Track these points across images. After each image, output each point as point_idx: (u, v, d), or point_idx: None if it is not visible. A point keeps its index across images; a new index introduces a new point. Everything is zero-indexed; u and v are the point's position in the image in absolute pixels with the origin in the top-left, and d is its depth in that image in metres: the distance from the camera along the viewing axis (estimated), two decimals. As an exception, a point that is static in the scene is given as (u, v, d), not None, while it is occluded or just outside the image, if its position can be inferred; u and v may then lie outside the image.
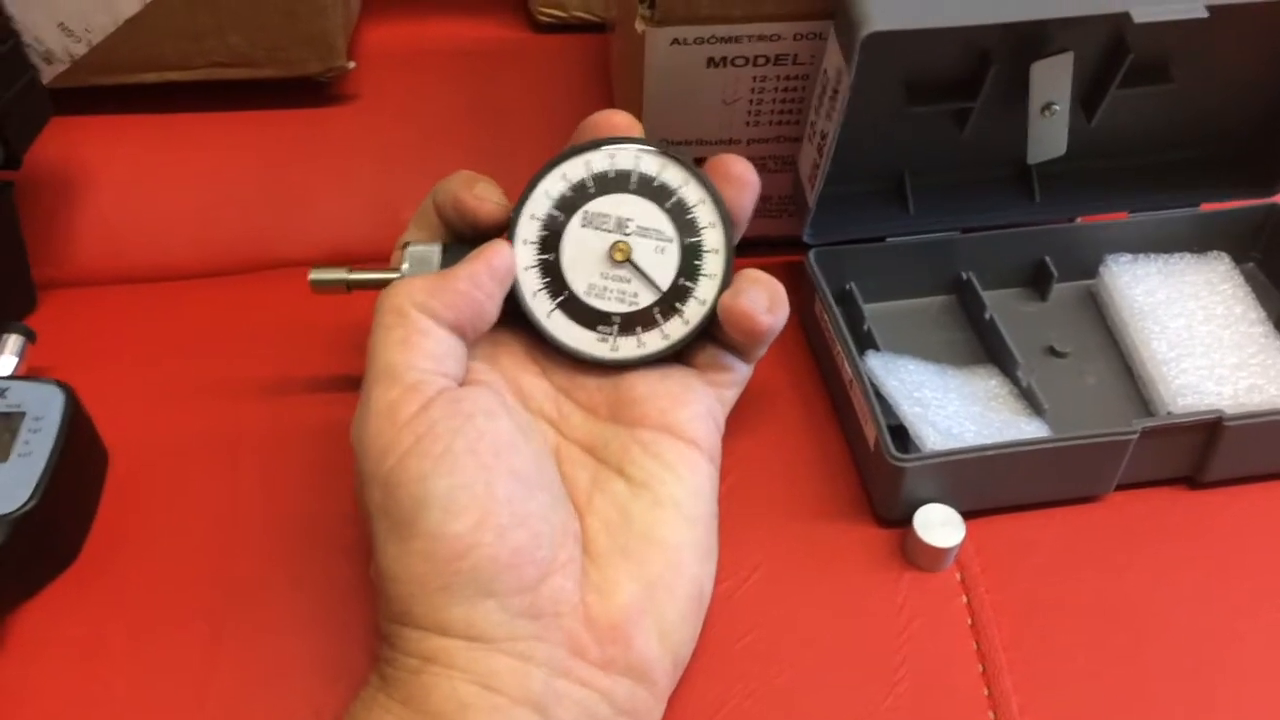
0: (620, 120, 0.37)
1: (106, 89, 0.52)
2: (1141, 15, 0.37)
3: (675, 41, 0.41)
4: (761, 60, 0.42)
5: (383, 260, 0.51)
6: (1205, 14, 0.37)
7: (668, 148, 0.37)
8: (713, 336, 0.38)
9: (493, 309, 0.35)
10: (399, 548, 0.31)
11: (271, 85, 0.53)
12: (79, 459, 0.39)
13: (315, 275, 0.38)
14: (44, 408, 0.38)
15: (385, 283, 0.38)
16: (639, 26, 0.40)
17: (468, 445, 0.32)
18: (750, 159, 0.46)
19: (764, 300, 0.36)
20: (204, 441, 0.42)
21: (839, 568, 0.39)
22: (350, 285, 0.39)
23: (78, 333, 0.46)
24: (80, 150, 0.52)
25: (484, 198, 0.37)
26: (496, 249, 0.36)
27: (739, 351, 0.38)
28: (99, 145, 0.52)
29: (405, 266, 0.37)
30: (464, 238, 0.38)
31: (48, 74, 0.50)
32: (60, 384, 0.39)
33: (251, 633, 0.37)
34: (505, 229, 0.37)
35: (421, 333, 0.34)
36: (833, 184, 0.42)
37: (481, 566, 0.31)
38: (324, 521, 0.39)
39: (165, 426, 0.42)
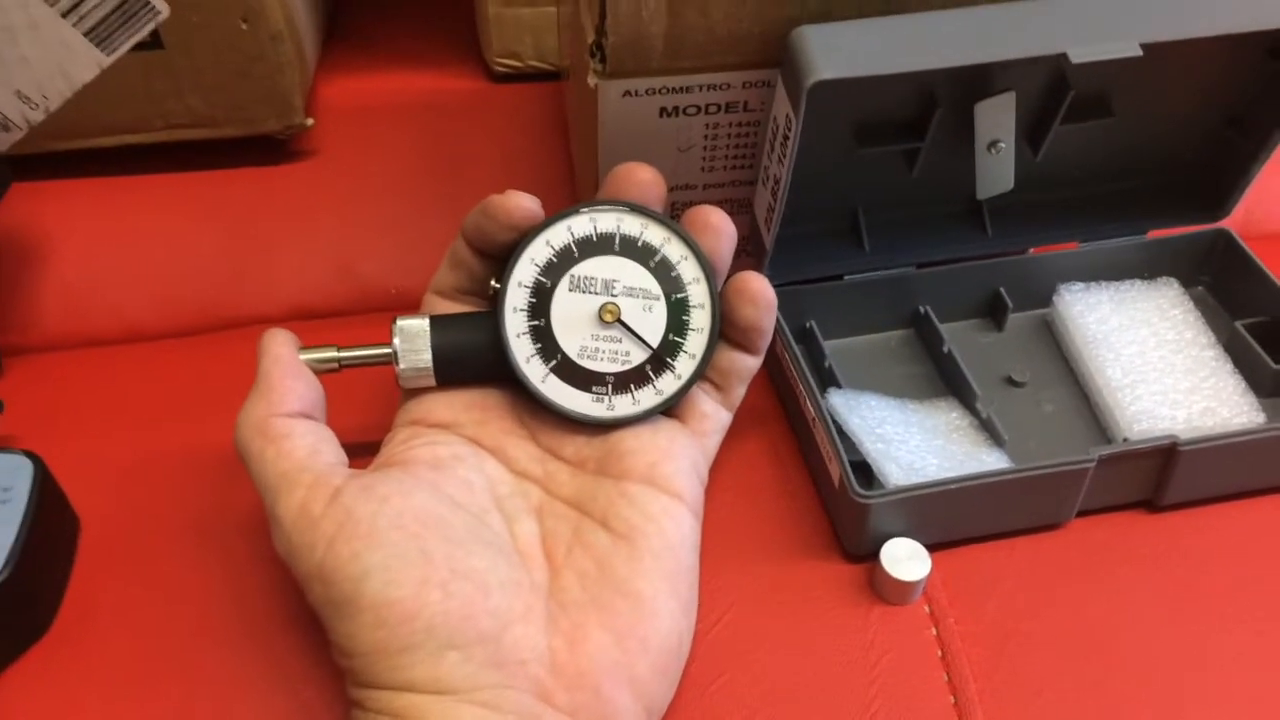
0: (644, 175, 0.38)
1: (65, 154, 0.52)
2: (1078, 56, 0.38)
3: (627, 93, 0.42)
4: (713, 108, 0.43)
5: (348, 314, 0.52)
6: (1140, 53, 0.38)
7: (647, 208, 0.38)
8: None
9: (310, 384, 0.37)
10: (350, 624, 0.32)
11: (230, 144, 0.53)
12: (50, 529, 0.39)
13: (304, 356, 0.38)
14: (13, 478, 0.38)
15: (377, 359, 0.39)
16: (591, 80, 0.41)
17: (391, 523, 0.33)
18: (706, 203, 0.47)
19: (766, 283, 0.38)
20: (175, 508, 0.42)
21: (809, 605, 0.40)
22: (341, 364, 0.39)
23: (44, 399, 0.46)
24: (40, 215, 0.52)
25: (508, 204, 0.37)
26: (266, 338, 0.37)
27: (741, 346, 0.39)
28: (59, 210, 0.52)
29: (396, 341, 0.38)
30: (501, 258, 0.38)
31: (5, 141, 0.50)
32: (29, 454, 0.39)
33: (224, 703, 0.37)
34: (518, 247, 0.37)
35: (286, 437, 0.35)
36: (789, 225, 0.43)
37: (436, 624, 0.31)
38: (296, 590, 0.39)
39: (136, 493, 0.42)
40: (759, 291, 0.38)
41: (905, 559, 0.39)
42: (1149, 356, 0.45)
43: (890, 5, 0.39)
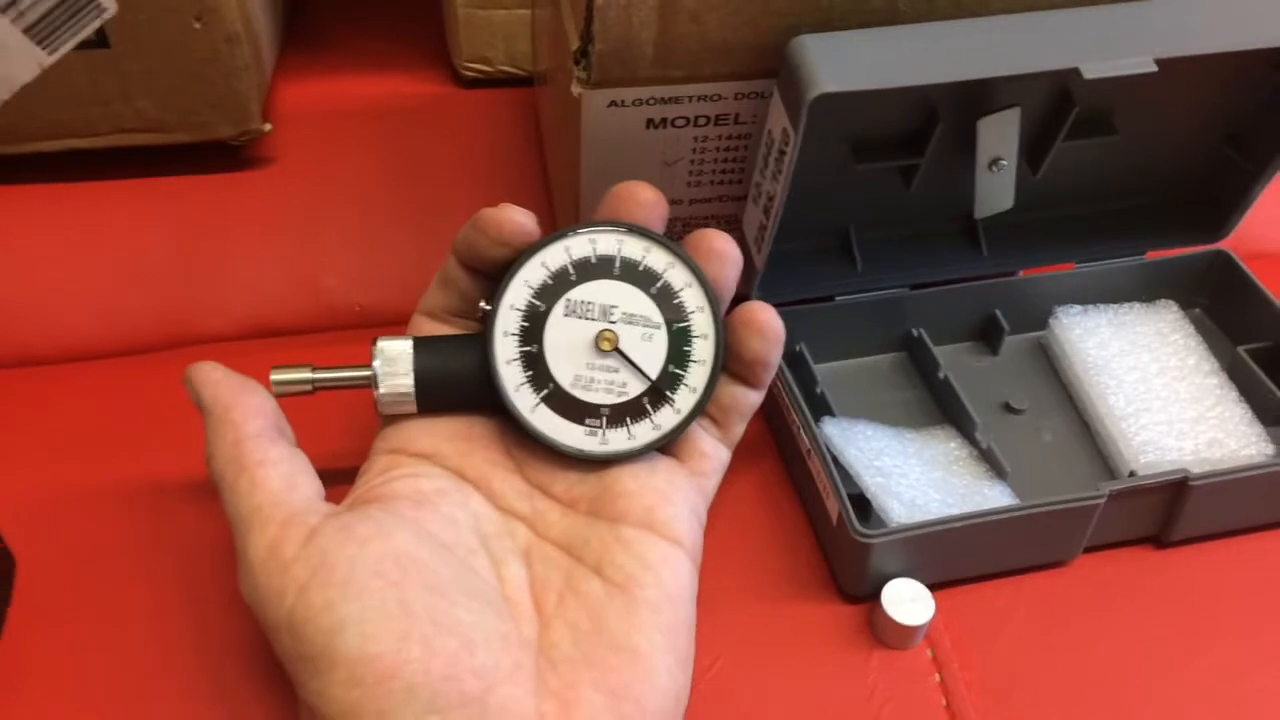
0: (647, 195, 0.35)
1: (3, 158, 0.49)
2: (1091, 71, 0.36)
3: (613, 103, 0.39)
4: (702, 120, 0.41)
5: (309, 331, 0.49)
6: (1154, 69, 0.36)
7: (649, 230, 0.35)
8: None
9: (263, 395, 0.35)
10: (321, 681, 0.29)
11: (182, 150, 0.50)
12: (-21, 572, 0.36)
13: (277, 377, 0.36)
14: (-61, 517, 0.35)
15: (355, 381, 0.36)
16: (574, 89, 0.38)
17: (371, 569, 0.30)
18: (692, 219, 0.45)
19: (774, 314, 0.36)
20: (121, 545, 0.39)
21: (806, 650, 0.37)
22: (316, 386, 0.36)
23: (-25, 424, 0.43)
24: (-26, 225, 0.48)
25: (500, 219, 0.34)
26: (191, 371, 0.35)
27: (744, 380, 0.37)
28: (-4, 218, 0.49)
29: (377, 364, 0.35)
30: (495, 277, 0.35)
31: (-64, 146, 0.47)
32: (-43, 490, 0.36)
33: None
34: (511, 267, 0.35)
35: (260, 464, 0.32)
36: (779, 242, 0.41)
37: (416, 684, 0.29)
38: (261, 639, 0.36)
39: (77, 528, 0.39)
40: (767, 323, 0.35)
41: (908, 601, 0.37)
42: (1152, 384, 0.43)
43: (895, 14, 0.37)
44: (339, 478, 0.36)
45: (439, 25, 0.57)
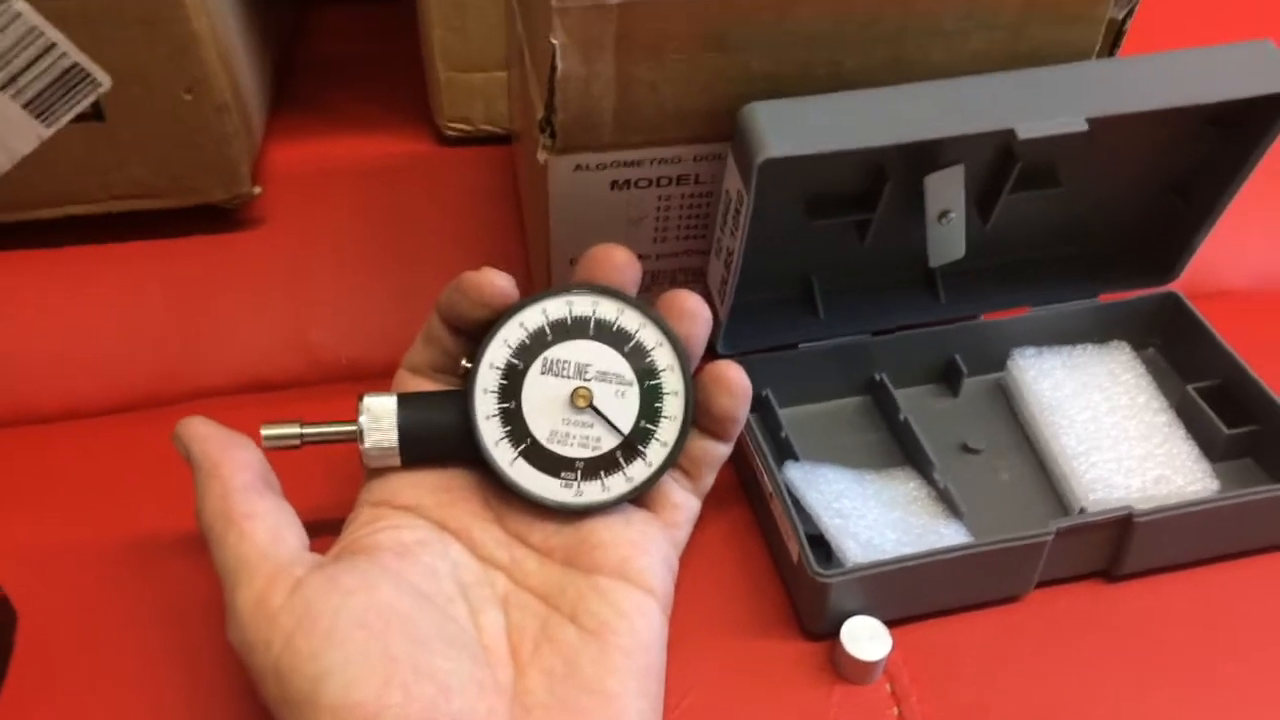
0: (620, 258, 0.38)
1: (4, 225, 0.51)
2: (1026, 132, 0.38)
3: (578, 167, 0.41)
4: (664, 181, 0.43)
5: (299, 386, 0.51)
6: (1085, 128, 0.38)
7: (622, 292, 0.37)
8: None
9: (251, 449, 0.36)
10: None
11: (175, 213, 0.52)
12: (-19, 625, 0.38)
13: (267, 431, 0.38)
14: (-55, 573, 0.37)
15: (341, 436, 0.38)
16: (541, 156, 0.41)
17: (353, 619, 0.32)
18: (659, 273, 0.47)
19: (742, 373, 0.38)
20: (120, 598, 0.40)
21: (771, 685, 0.39)
22: (304, 440, 0.38)
23: (-22, 480, 0.45)
24: (-23, 288, 0.50)
25: (481, 282, 0.36)
26: (181, 426, 0.37)
27: (714, 434, 0.39)
28: (-4, 282, 0.51)
29: (363, 419, 0.37)
30: (476, 335, 0.37)
31: (-59, 215, 0.49)
32: (-39, 547, 0.38)
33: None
34: (491, 327, 0.37)
35: (247, 517, 0.34)
36: (742, 294, 0.43)
37: None
38: (239, 677, 0.38)
39: (77, 582, 0.41)
40: (735, 381, 0.38)
41: (866, 638, 0.38)
42: (1102, 422, 0.45)
43: (840, 82, 0.39)
44: (325, 528, 0.38)
45: (421, 87, 0.59)
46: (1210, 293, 0.54)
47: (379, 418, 0.37)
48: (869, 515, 0.41)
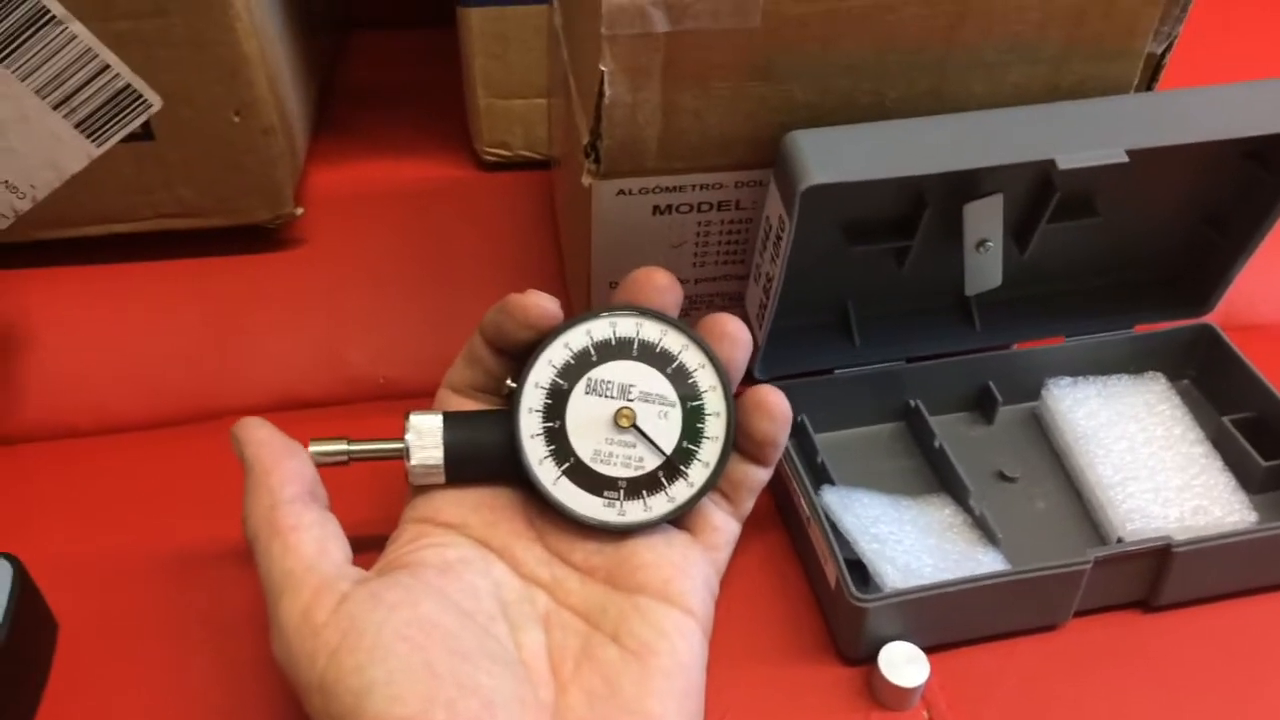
0: (662, 280, 0.38)
1: (51, 242, 0.52)
2: (1066, 162, 0.39)
3: (621, 192, 0.42)
4: (705, 206, 0.43)
5: (336, 404, 0.52)
6: (1125, 159, 0.39)
7: (665, 314, 0.38)
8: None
9: (303, 461, 0.37)
10: None
11: (217, 232, 0.53)
12: (27, 634, 0.38)
13: (315, 448, 0.38)
14: (-9, 582, 0.37)
15: (387, 453, 0.38)
16: (585, 180, 0.41)
17: (397, 633, 0.32)
18: (698, 297, 0.47)
19: (783, 398, 0.38)
20: (159, 610, 0.41)
21: (807, 711, 0.39)
22: (351, 457, 0.38)
23: (20, 492, 0.45)
24: (21, 303, 0.51)
25: (527, 304, 0.37)
26: (240, 427, 0.37)
27: (754, 458, 0.39)
28: (40, 298, 0.52)
29: (410, 436, 0.37)
30: (520, 356, 0.38)
31: (-9, 231, 0.50)
32: (8, 556, 0.38)
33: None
34: (536, 348, 0.37)
35: (293, 529, 0.34)
36: (779, 319, 0.43)
37: None
38: (292, 699, 0.38)
39: (117, 593, 0.41)
40: (776, 405, 0.38)
41: (903, 663, 0.38)
42: (1139, 453, 0.45)
43: (882, 111, 0.40)
44: (369, 544, 0.38)
45: (461, 113, 0.60)
46: (1245, 325, 0.54)
47: (425, 435, 0.37)
48: (906, 540, 0.42)
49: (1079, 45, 0.40)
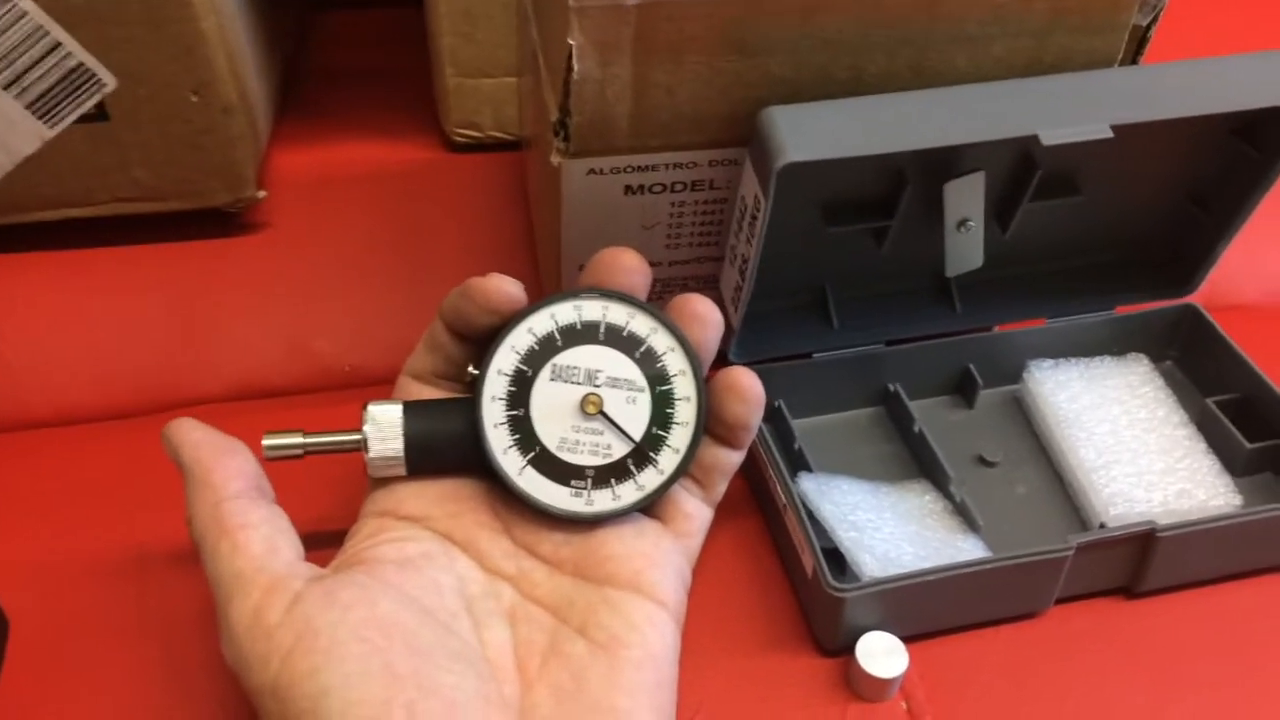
0: (630, 261, 0.37)
1: (4, 227, 0.50)
2: (1049, 138, 0.37)
3: (591, 171, 0.41)
4: (679, 186, 0.42)
5: (301, 393, 0.50)
6: (1110, 135, 0.38)
7: (633, 296, 0.36)
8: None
9: (245, 455, 0.35)
10: None
11: (178, 216, 0.51)
12: (-25, 633, 0.37)
13: (269, 441, 0.37)
14: (-65, 580, 0.36)
15: (345, 445, 0.37)
16: (554, 159, 0.40)
17: (353, 634, 0.31)
18: (671, 280, 0.46)
19: (755, 379, 0.37)
20: (114, 606, 0.39)
21: (783, 702, 0.38)
22: (307, 450, 0.37)
23: (-26, 486, 0.44)
24: (-24, 291, 0.50)
25: (488, 287, 0.35)
26: (170, 428, 0.36)
27: (726, 441, 0.38)
28: (-5, 285, 0.50)
29: (367, 428, 0.36)
30: (482, 342, 0.36)
31: (-60, 216, 0.49)
32: (-44, 553, 0.37)
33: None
34: (499, 334, 0.36)
35: (241, 527, 0.33)
36: (756, 301, 0.42)
37: None
38: (245, 702, 0.37)
39: (71, 589, 0.40)
40: (748, 387, 0.37)
41: (881, 654, 0.37)
42: (1122, 436, 0.44)
43: (860, 86, 0.39)
44: (329, 539, 0.37)
45: (429, 93, 0.59)
46: (1230, 305, 0.53)
47: (384, 426, 0.36)
48: (885, 528, 0.41)
49: (1063, 17, 0.39)
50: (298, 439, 0.37)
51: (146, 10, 0.45)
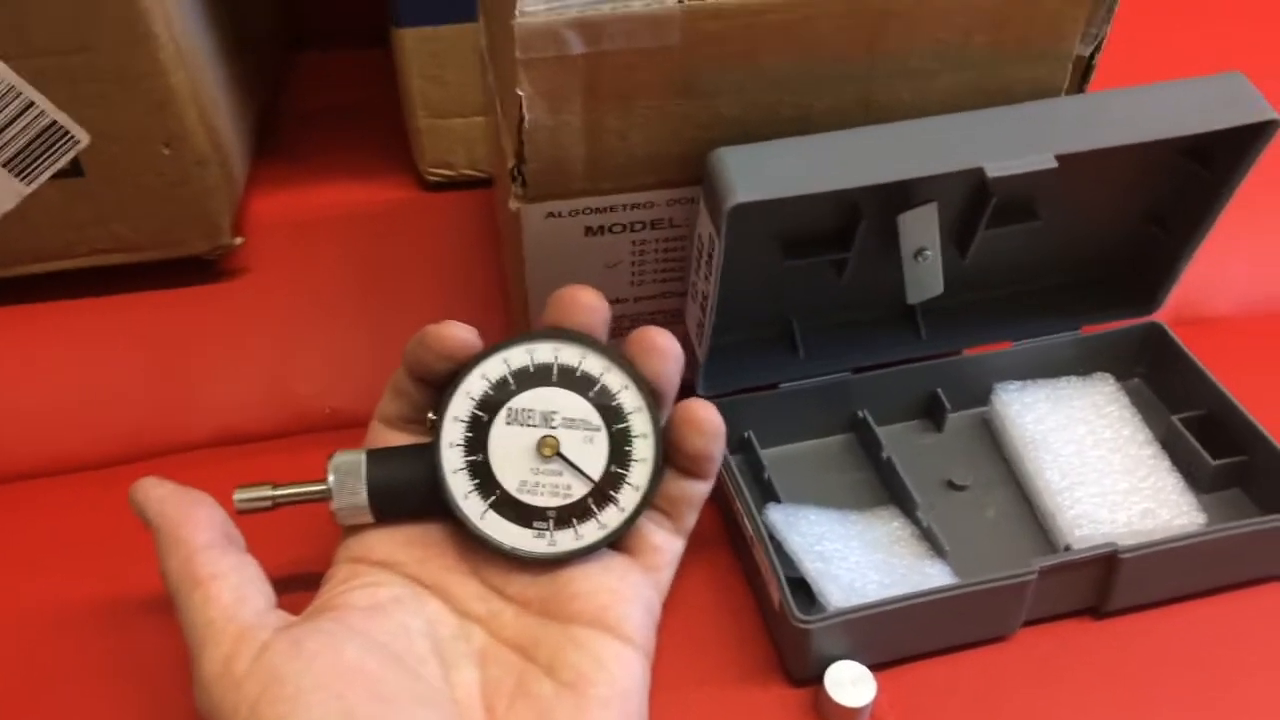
0: (588, 299, 0.37)
1: (-16, 283, 0.51)
2: (995, 169, 0.38)
3: (551, 214, 0.41)
4: (638, 226, 0.43)
5: (281, 436, 0.51)
6: (1055, 165, 0.38)
7: (586, 335, 0.37)
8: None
9: (211, 506, 0.36)
10: None
11: (156, 265, 0.52)
12: (-44, 690, 0.37)
13: (239, 495, 0.37)
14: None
15: (312, 495, 0.37)
16: (513, 205, 0.41)
17: (317, 682, 0.31)
18: (639, 315, 0.47)
19: (713, 410, 0.37)
20: (84, 656, 0.40)
21: (754, 734, 0.39)
22: (276, 502, 0.38)
23: (-46, 540, 0.45)
24: (-43, 346, 0.51)
25: (443, 335, 0.36)
26: (135, 489, 0.37)
27: (691, 473, 0.38)
28: (-24, 339, 0.51)
29: (331, 479, 0.37)
30: (443, 387, 0.37)
31: (-79, 274, 0.50)
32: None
33: None
34: (453, 380, 0.36)
35: (212, 578, 0.34)
36: (721, 335, 0.43)
37: None
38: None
39: (49, 639, 0.41)
40: (706, 419, 0.37)
41: (849, 683, 0.38)
42: (1087, 456, 0.45)
43: (808, 124, 0.40)
44: (306, 583, 0.37)
45: (403, 134, 0.60)
46: (1198, 319, 0.53)
47: (347, 476, 0.37)
48: (851, 557, 0.41)
49: (1005, 49, 0.40)
50: (266, 491, 0.38)
51: (117, 68, 0.46)
